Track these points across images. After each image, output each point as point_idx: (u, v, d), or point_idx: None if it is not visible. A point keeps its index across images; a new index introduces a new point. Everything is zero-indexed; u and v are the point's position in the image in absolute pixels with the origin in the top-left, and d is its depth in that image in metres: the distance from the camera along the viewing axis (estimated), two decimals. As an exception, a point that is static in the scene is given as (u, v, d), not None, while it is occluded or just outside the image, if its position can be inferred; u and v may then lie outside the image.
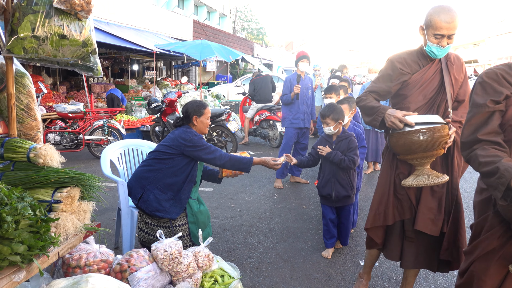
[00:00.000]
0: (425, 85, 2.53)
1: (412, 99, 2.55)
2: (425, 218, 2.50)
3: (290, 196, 5.43)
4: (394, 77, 2.56)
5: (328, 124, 3.48)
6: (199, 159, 3.04)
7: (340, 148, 3.53)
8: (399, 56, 2.59)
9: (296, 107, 5.76)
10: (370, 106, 2.60)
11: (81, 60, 2.15)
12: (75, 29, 2.06)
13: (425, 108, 2.55)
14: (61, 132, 7.40)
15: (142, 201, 3.04)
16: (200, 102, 3.23)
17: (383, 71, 2.64)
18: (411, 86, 2.55)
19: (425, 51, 2.50)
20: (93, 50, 2.16)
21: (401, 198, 2.61)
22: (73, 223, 1.94)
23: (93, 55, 2.18)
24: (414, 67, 2.56)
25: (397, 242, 2.68)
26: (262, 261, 3.54)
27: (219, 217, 4.59)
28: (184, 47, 12.40)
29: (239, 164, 3.10)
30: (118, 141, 3.81)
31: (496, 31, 29.34)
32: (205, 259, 2.56)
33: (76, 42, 2.06)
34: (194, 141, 3.01)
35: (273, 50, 36.21)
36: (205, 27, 21.18)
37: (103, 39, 10.41)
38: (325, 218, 3.67)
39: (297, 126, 5.80)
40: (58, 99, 11.41)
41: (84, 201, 2.05)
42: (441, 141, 2.29)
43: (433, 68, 2.55)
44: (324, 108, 3.58)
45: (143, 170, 3.11)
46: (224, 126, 7.65)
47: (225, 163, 3.06)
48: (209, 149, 3.04)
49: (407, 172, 2.59)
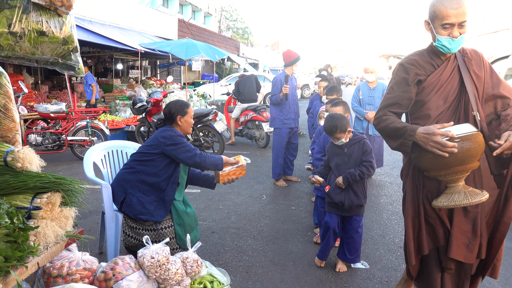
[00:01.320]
0: (444, 87, 2.21)
1: (432, 104, 2.21)
2: (459, 243, 2.16)
3: (278, 197, 5.36)
4: (410, 79, 2.23)
5: (339, 138, 3.19)
6: (178, 159, 2.95)
7: (354, 152, 3.21)
8: (409, 59, 2.29)
9: (287, 107, 5.74)
10: (394, 127, 2.18)
11: (62, 58, 2.03)
12: (54, 26, 1.95)
13: (448, 113, 2.21)
14: (42, 133, 7.19)
15: (125, 205, 2.95)
16: (183, 101, 3.17)
17: (395, 77, 2.31)
18: (428, 90, 2.22)
19: (436, 47, 2.21)
20: (74, 48, 2.05)
21: (433, 223, 2.25)
22: (54, 230, 1.84)
23: (74, 53, 2.07)
24: (428, 68, 2.24)
25: (435, 273, 2.29)
26: (251, 264, 3.46)
27: (207, 219, 4.50)
28: (169, 46, 12.24)
29: (214, 161, 3.04)
30: (102, 143, 3.69)
31: (478, 31, 29.76)
32: (194, 265, 2.48)
33: (56, 39, 1.94)
34: (174, 138, 2.94)
35: (258, 50, 36.15)
36: (190, 26, 20.99)
37: (86, 38, 10.20)
38: (328, 227, 3.30)
39: (289, 126, 5.81)
40: (39, 99, 11.14)
41: (66, 207, 1.94)
42: (478, 151, 1.98)
43: (450, 67, 2.22)
44: (326, 123, 3.21)
45: (125, 173, 3.02)
46: (210, 126, 7.54)
47: (205, 160, 2.97)
48: (188, 146, 2.96)
49: (436, 190, 2.23)
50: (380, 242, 3.97)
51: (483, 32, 29.23)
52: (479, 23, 30.62)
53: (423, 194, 2.27)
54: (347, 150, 3.24)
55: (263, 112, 8.51)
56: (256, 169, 6.74)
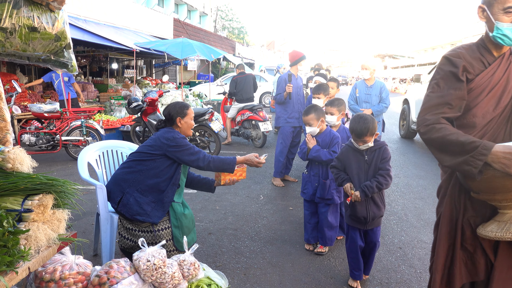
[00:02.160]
0: (495, 90, 1.83)
1: (479, 110, 1.84)
2: (504, 279, 1.81)
3: (276, 197, 5.31)
4: (460, 72, 1.83)
5: (366, 142, 2.86)
6: (181, 160, 2.89)
7: (373, 159, 2.91)
8: (455, 52, 1.89)
9: (291, 106, 5.77)
10: (456, 140, 1.72)
11: (54, 55, 1.97)
12: (46, 21, 1.88)
13: (499, 122, 1.85)
14: (36, 133, 7.09)
15: (122, 205, 2.88)
16: (182, 103, 3.11)
17: (440, 72, 1.91)
18: (475, 92, 1.84)
19: (492, 39, 1.82)
20: (67, 44, 1.98)
21: (473, 252, 1.89)
22: (46, 233, 1.77)
23: (67, 50, 2.00)
24: (477, 67, 1.85)
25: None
26: (249, 266, 3.40)
27: (203, 220, 4.43)
28: (164, 46, 12.14)
29: (222, 165, 2.97)
30: (96, 143, 3.62)
31: (473, 31, 29.86)
32: (191, 268, 2.41)
33: (48, 35, 1.88)
34: (177, 140, 2.88)
35: (254, 49, 36.09)
36: (186, 25, 20.89)
37: (80, 37, 10.08)
38: (355, 244, 3.04)
39: (293, 125, 5.83)
40: (33, 99, 11.00)
41: (59, 209, 1.88)
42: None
43: (504, 65, 1.84)
44: (356, 124, 2.88)
45: (123, 172, 2.95)
46: (207, 126, 7.47)
47: (208, 164, 2.92)
48: (192, 149, 2.90)
49: (482, 216, 1.87)
50: (382, 249, 3.91)
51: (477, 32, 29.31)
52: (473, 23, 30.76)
53: (463, 218, 1.92)
54: (368, 156, 2.92)
55: (260, 111, 8.45)
56: (253, 169, 6.67)
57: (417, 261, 3.56)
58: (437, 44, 37.94)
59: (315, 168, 3.66)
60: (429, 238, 4.05)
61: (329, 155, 3.49)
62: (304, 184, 3.75)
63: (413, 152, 8.37)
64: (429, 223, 4.46)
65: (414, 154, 8.15)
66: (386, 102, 5.70)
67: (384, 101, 5.69)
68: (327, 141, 3.61)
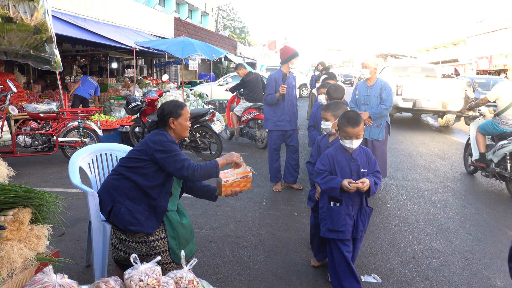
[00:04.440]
0: None
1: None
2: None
3: (279, 202, 5.07)
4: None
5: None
6: (165, 168, 2.63)
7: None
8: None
9: (281, 108, 5.34)
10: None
11: (34, 50, 1.74)
12: (24, 11, 1.65)
13: None
14: (32, 134, 6.87)
15: (113, 215, 2.65)
16: (177, 102, 2.85)
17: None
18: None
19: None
20: (48, 37, 1.75)
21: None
22: (22, 253, 1.54)
23: (49, 44, 1.77)
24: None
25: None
26: (252, 278, 3.17)
27: (204, 227, 4.20)
28: (165, 45, 11.90)
29: (207, 171, 2.70)
30: (89, 146, 3.39)
31: (476, 31, 29.59)
32: (189, 286, 2.18)
33: (26, 27, 1.65)
34: (164, 144, 2.62)
35: (255, 49, 35.87)
36: (187, 24, 20.66)
37: (79, 35, 9.89)
38: None
39: (283, 129, 5.41)
40: (31, 99, 10.80)
41: (38, 225, 1.65)
42: None
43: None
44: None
45: (112, 179, 2.73)
46: (208, 127, 7.23)
47: (193, 173, 2.63)
48: (178, 156, 2.63)
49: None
50: (390, 252, 3.69)
51: (480, 32, 29.06)
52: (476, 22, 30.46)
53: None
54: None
55: None
56: (255, 172, 6.43)
57: (432, 272, 3.32)
58: (439, 44, 37.63)
59: None
60: (442, 246, 3.82)
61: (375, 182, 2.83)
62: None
63: (419, 154, 8.13)
64: (441, 230, 4.23)
65: (421, 156, 7.91)
66: (386, 103, 5.14)
67: (384, 102, 5.15)
68: (363, 160, 2.91)
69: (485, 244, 3.91)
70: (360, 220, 2.87)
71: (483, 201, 5.28)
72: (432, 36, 38.95)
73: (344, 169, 2.83)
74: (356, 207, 2.86)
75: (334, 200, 2.85)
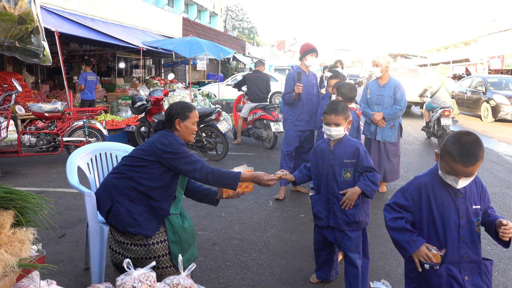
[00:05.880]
0: None
1: None
2: None
3: (285, 204, 4.94)
4: None
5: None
6: (176, 169, 2.54)
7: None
8: None
9: (300, 108, 5.08)
10: None
11: (20, 41, 1.64)
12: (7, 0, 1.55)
13: None
14: (37, 134, 6.81)
15: (112, 216, 2.55)
16: (186, 103, 2.73)
17: None
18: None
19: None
20: (34, 28, 1.65)
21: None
22: (2, 259, 1.43)
23: (35, 35, 1.67)
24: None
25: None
26: (256, 283, 3.04)
27: (207, 229, 4.08)
28: (172, 44, 11.84)
29: (223, 180, 2.58)
30: (88, 145, 3.29)
31: (487, 30, 29.17)
32: (186, 293, 2.06)
33: (9, 16, 1.55)
34: (173, 146, 2.52)
35: (264, 49, 35.76)
36: (195, 24, 20.62)
37: (86, 35, 9.88)
38: None
39: (301, 129, 5.14)
40: (39, 98, 10.82)
41: (21, 228, 1.54)
42: None
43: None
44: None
45: (113, 178, 2.62)
46: (213, 126, 7.11)
47: (206, 176, 2.54)
48: (189, 158, 2.53)
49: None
50: (400, 256, 3.53)
51: (492, 31, 28.62)
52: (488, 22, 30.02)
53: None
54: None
55: (273, 111, 8.05)
56: (262, 172, 6.31)
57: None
58: (450, 43, 37.20)
59: None
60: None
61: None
62: None
63: (430, 155, 7.93)
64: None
65: (431, 157, 7.71)
66: (401, 103, 4.97)
67: (398, 103, 4.98)
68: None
69: (500, 249, 3.73)
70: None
71: (498, 203, 5.08)
72: (443, 35, 38.54)
73: (447, 210, 1.94)
74: (467, 265, 1.93)
75: None
